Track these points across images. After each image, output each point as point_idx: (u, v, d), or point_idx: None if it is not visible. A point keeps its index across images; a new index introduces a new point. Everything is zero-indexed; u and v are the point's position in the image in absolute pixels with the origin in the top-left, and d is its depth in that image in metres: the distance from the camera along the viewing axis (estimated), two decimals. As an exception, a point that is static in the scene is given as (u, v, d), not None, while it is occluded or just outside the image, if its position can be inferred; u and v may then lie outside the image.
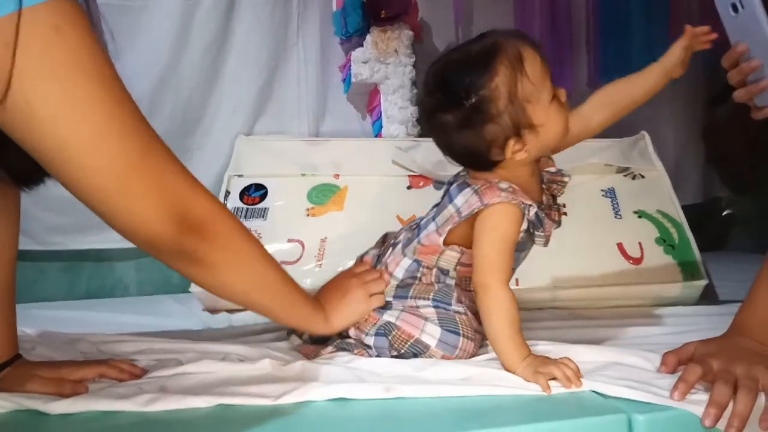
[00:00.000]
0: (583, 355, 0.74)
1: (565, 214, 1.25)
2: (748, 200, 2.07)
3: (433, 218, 0.81)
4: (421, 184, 1.33)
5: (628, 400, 0.63)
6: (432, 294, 0.79)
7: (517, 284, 1.04)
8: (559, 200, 1.28)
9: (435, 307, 0.78)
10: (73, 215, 1.38)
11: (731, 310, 1.06)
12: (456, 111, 0.71)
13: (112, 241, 1.44)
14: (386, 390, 0.65)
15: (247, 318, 1.15)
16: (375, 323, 0.78)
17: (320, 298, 0.79)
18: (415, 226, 0.85)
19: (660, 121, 1.74)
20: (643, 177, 1.36)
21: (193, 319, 1.18)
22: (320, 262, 1.22)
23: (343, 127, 1.62)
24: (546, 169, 0.81)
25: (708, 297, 1.19)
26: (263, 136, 1.52)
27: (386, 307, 0.80)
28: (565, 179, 0.80)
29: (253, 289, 0.67)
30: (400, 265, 0.81)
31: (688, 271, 1.17)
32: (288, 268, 0.72)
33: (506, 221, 0.74)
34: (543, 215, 0.77)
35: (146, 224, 0.53)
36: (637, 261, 1.19)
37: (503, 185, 0.74)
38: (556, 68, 1.70)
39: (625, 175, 1.36)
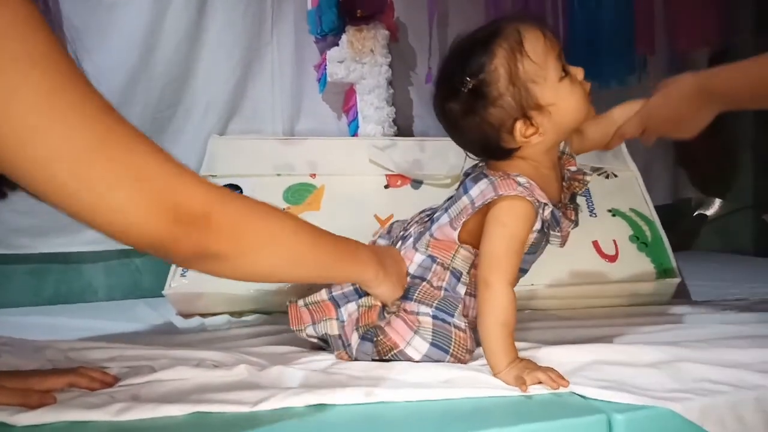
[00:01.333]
0: (561, 356, 0.75)
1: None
2: (717, 200, 2.12)
3: (446, 209, 0.79)
4: (398, 183, 1.33)
5: (608, 399, 0.63)
6: (436, 302, 0.76)
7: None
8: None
9: (434, 317, 0.75)
10: (40, 217, 1.34)
11: (704, 309, 1.10)
12: (459, 98, 0.71)
13: (80, 243, 1.41)
14: (367, 395, 0.64)
15: (221, 322, 1.14)
16: (367, 324, 0.76)
17: (383, 261, 0.75)
18: (426, 218, 0.83)
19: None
20: (616, 176, 1.38)
21: (165, 324, 1.15)
22: (297, 264, 1.20)
23: (318, 127, 1.60)
24: (568, 167, 0.80)
25: (681, 296, 1.21)
26: (237, 136, 1.50)
27: (389, 310, 0.77)
28: (587, 178, 0.80)
29: (281, 267, 0.63)
30: (413, 261, 0.79)
31: (662, 268, 1.19)
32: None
33: (518, 218, 0.72)
34: (560, 214, 0.76)
35: (136, 225, 0.48)
36: (612, 259, 1.20)
37: (521, 179, 0.72)
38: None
39: (599, 175, 1.38)
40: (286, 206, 1.29)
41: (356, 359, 0.77)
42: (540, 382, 0.66)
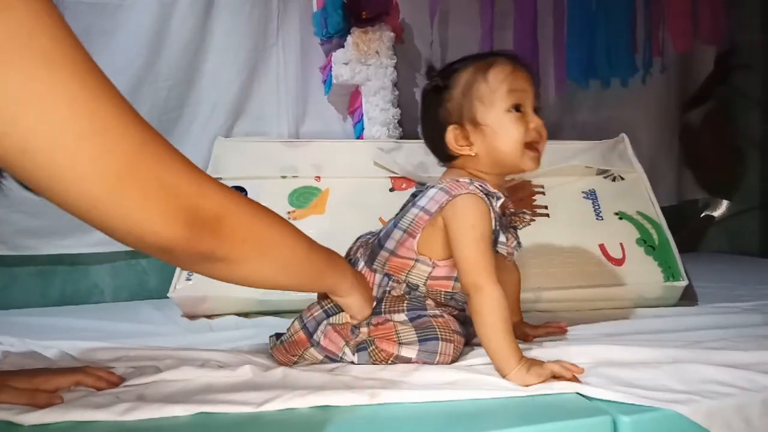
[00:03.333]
0: (567, 357, 0.74)
1: (548, 215, 1.27)
2: (723, 202, 2.11)
3: (395, 224, 0.81)
4: (403, 185, 1.33)
5: (613, 401, 0.63)
6: (405, 304, 0.78)
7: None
8: (541, 201, 1.30)
9: (410, 319, 0.77)
10: (47, 218, 1.35)
11: (711, 311, 1.09)
12: (429, 91, 0.83)
13: (86, 245, 1.42)
14: (371, 396, 0.64)
15: (227, 324, 1.14)
16: (348, 342, 0.77)
17: (356, 273, 0.78)
18: (372, 239, 0.84)
19: (634, 125, 1.77)
20: (622, 179, 1.37)
21: (171, 325, 1.16)
22: (302, 266, 1.20)
23: (323, 129, 1.61)
24: (510, 208, 0.85)
25: (687, 297, 1.21)
26: (242, 138, 1.50)
27: (359, 326, 0.78)
28: (527, 218, 0.86)
29: (280, 273, 0.64)
30: (373, 283, 0.80)
31: (669, 271, 1.19)
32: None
33: (478, 213, 0.75)
34: (506, 220, 0.80)
35: (152, 230, 0.48)
36: (619, 262, 1.20)
37: (469, 180, 0.78)
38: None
39: (605, 177, 1.37)
40: (292, 209, 1.29)
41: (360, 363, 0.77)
42: (553, 374, 0.67)
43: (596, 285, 1.16)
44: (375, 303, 0.79)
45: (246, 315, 1.18)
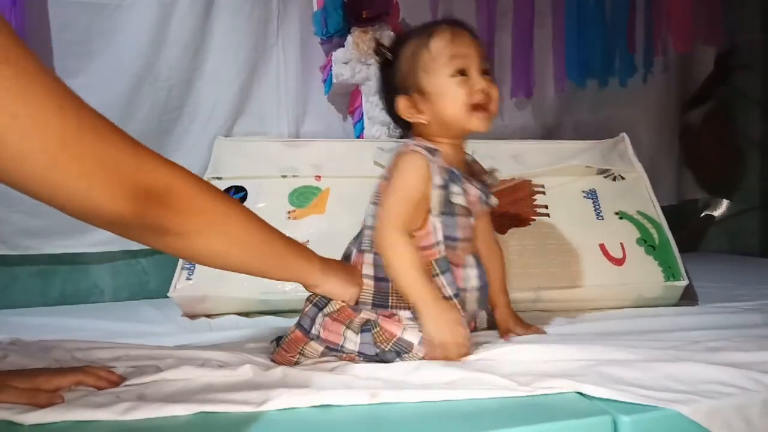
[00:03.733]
0: (567, 355, 0.75)
1: (548, 215, 1.27)
2: (723, 201, 2.11)
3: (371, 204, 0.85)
4: (403, 185, 1.33)
5: (613, 401, 0.63)
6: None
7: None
8: (542, 201, 1.30)
9: (416, 317, 0.78)
10: (47, 218, 1.35)
11: (711, 311, 1.09)
12: (381, 67, 0.87)
13: (86, 244, 1.42)
14: (371, 396, 0.64)
15: (227, 323, 1.14)
16: (351, 319, 0.78)
17: (326, 259, 0.79)
18: (358, 235, 0.87)
19: (634, 125, 1.77)
20: (623, 178, 1.37)
21: (171, 324, 1.16)
22: (302, 265, 1.20)
23: (324, 129, 1.61)
24: (481, 170, 0.90)
25: (688, 297, 1.21)
26: (242, 138, 1.50)
27: (363, 306, 0.80)
28: (497, 175, 0.90)
29: (233, 250, 0.65)
30: (365, 262, 0.82)
31: (669, 271, 1.19)
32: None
33: (413, 173, 0.79)
34: (459, 172, 0.82)
35: (98, 205, 0.51)
36: (619, 262, 1.20)
37: (414, 141, 0.83)
38: (524, 68, 1.74)
39: (605, 177, 1.37)
40: (292, 209, 1.29)
41: (361, 353, 0.77)
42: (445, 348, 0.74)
43: (596, 285, 1.16)
44: (377, 293, 0.80)
45: (246, 315, 1.18)
